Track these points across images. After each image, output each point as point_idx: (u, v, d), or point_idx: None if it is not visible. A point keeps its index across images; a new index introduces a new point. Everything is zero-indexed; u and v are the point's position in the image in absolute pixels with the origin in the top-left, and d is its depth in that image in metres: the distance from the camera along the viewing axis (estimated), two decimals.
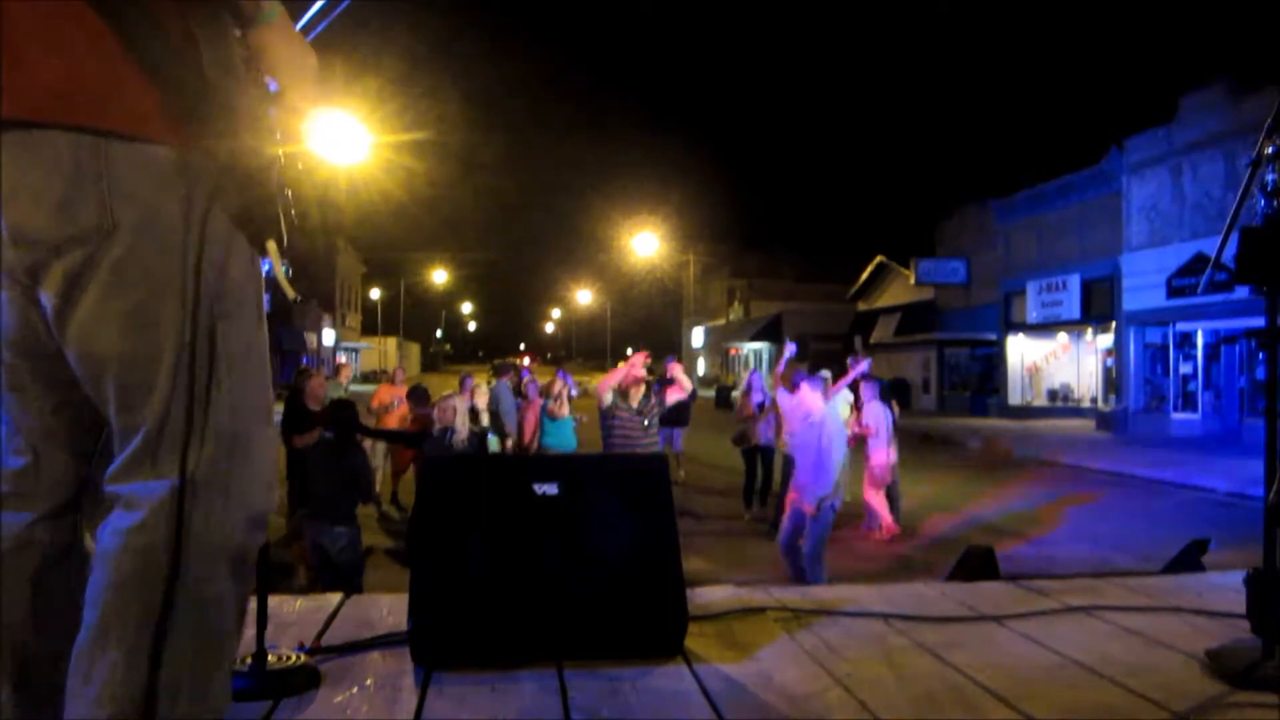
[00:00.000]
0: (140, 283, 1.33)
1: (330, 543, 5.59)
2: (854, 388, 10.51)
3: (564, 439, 9.05)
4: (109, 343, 1.33)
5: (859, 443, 9.57)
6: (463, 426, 6.83)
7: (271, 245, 1.49)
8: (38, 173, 1.29)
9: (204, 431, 1.35)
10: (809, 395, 6.45)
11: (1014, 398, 27.20)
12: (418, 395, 9.58)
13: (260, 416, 1.47)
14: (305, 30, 2.43)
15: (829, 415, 6.40)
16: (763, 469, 10.37)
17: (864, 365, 9.92)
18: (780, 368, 8.55)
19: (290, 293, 1.59)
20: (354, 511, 5.86)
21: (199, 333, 1.35)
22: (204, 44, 1.39)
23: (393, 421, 10.28)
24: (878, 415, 9.16)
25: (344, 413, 6.04)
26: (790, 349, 9.33)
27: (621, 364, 6.63)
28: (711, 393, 36.65)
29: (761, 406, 10.19)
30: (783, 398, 6.91)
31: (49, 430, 1.48)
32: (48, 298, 1.33)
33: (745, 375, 10.35)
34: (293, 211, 1.49)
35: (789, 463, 9.28)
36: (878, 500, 9.24)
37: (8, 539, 1.46)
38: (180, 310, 1.34)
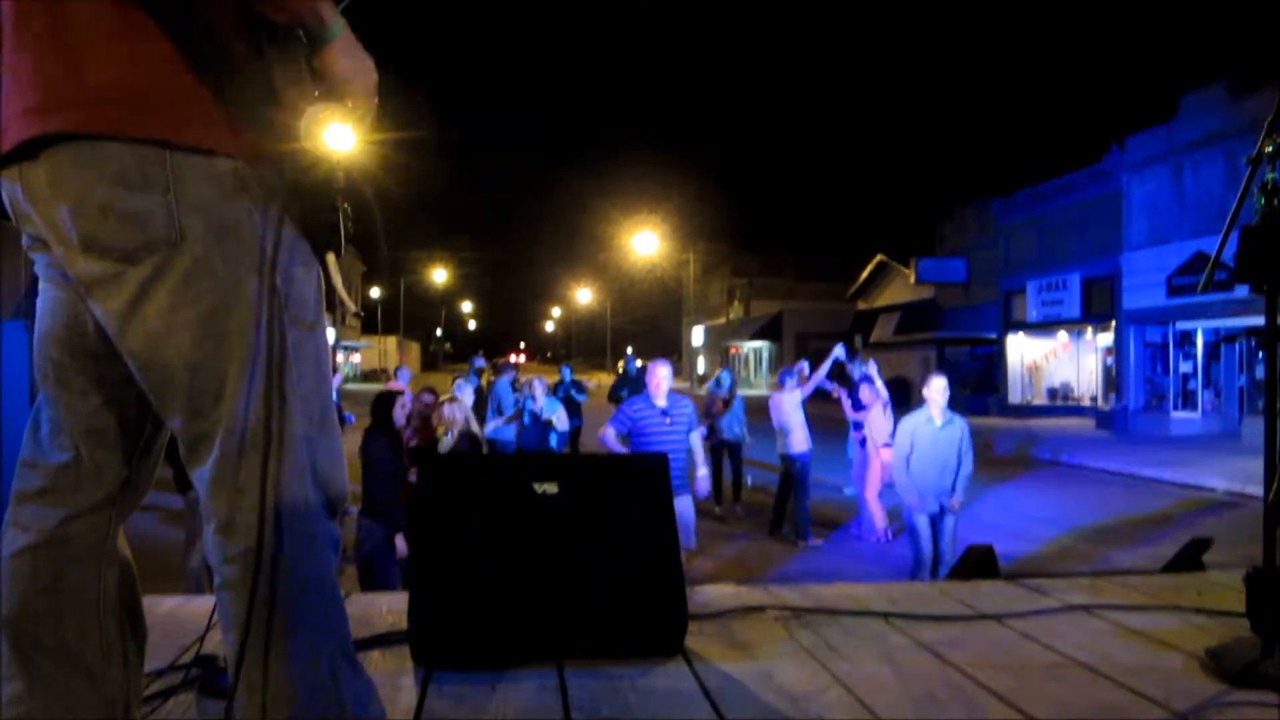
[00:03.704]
0: (210, 292, 1.35)
1: (353, 533, 5.61)
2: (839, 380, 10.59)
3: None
4: (179, 351, 1.35)
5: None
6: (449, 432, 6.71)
7: (330, 257, 1.52)
8: (104, 184, 1.31)
9: (282, 441, 1.38)
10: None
11: (1014, 396, 27.20)
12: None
13: (329, 415, 1.50)
14: None
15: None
16: (732, 465, 10.58)
17: (838, 350, 10.05)
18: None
19: (351, 305, 1.62)
20: (384, 505, 5.76)
21: (269, 342, 1.38)
22: (273, 63, 1.40)
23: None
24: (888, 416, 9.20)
25: (380, 408, 6.01)
26: (838, 353, 9.62)
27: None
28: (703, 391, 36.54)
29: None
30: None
31: (92, 429, 1.51)
32: (112, 305, 1.35)
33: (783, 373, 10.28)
34: (349, 225, 1.51)
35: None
36: (876, 503, 9.24)
37: (42, 533, 1.48)
38: (250, 319, 1.37)
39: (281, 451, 1.38)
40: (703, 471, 6.32)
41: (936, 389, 6.40)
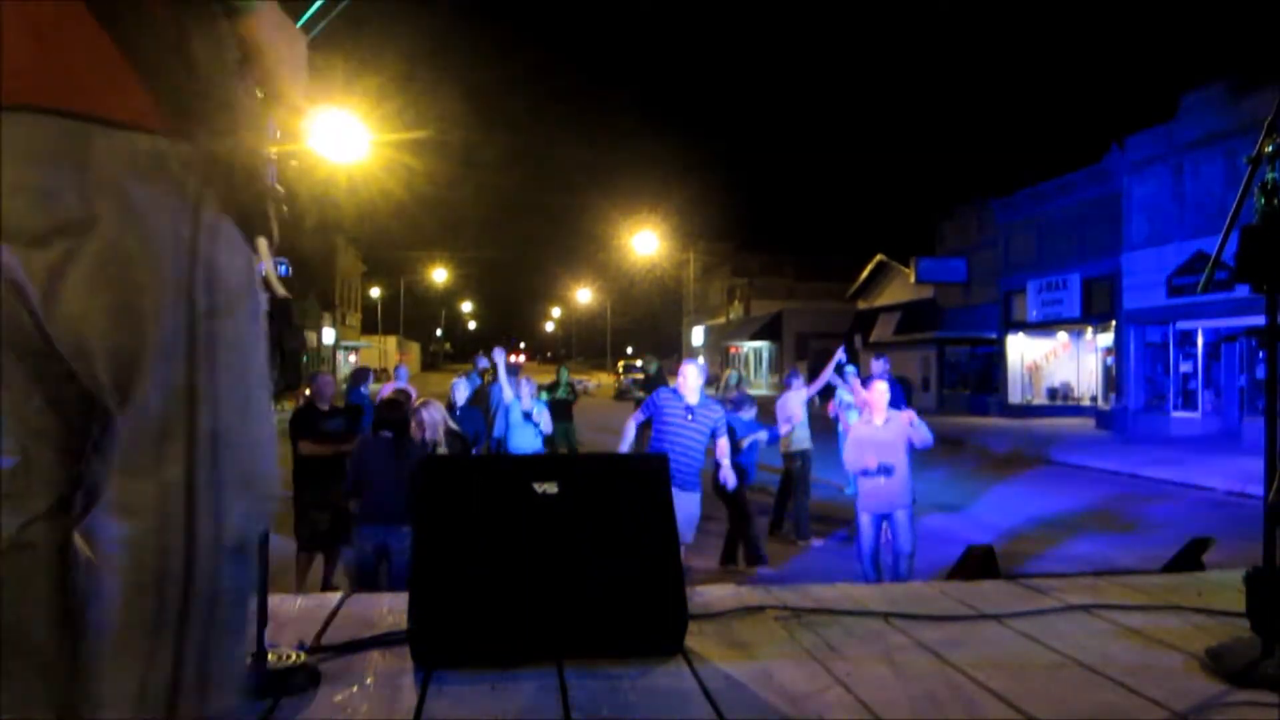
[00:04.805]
0: (124, 276, 1.29)
1: (397, 542, 5.59)
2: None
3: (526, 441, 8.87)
4: (96, 336, 1.29)
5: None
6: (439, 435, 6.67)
7: (261, 242, 1.46)
8: (16, 161, 1.24)
9: (196, 429, 1.32)
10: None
11: (1014, 396, 27.20)
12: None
13: (256, 412, 1.43)
14: (305, 29, 2.41)
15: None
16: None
17: (840, 354, 10.14)
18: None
19: (279, 290, 1.57)
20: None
21: (187, 328, 1.32)
22: (195, 35, 1.34)
23: None
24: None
25: (396, 413, 6.02)
26: (840, 355, 9.74)
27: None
28: (711, 391, 36.57)
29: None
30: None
31: (38, 429, 1.45)
32: (31, 292, 1.29)
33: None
34: (285, 209, 1.47)
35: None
36: None
37: (3, 541, 1.43)
38: (166, 305, 1.31)
39: (190, 443, 1.31)
40: (724, 461, 6.38)
41: (877, 392, 6.73)
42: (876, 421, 6.69)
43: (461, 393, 9.24)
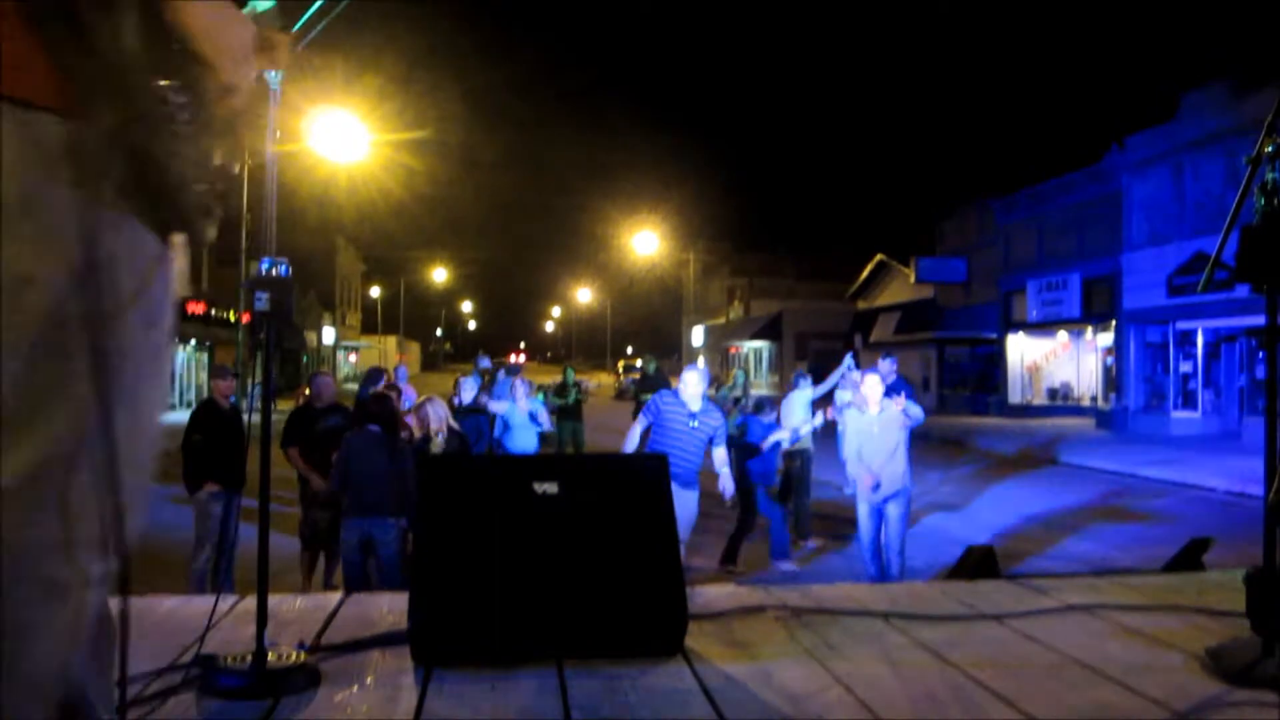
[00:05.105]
0: (13, 265, 1.16)
1: (381, 533, 5.59)
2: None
3: (525, 442, 8.85)
4: None
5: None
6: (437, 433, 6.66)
7: (177, 238, 1.35)
8: None
9: (36, 431, 1.16)
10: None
11: (1014, 396, 27.20)
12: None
13: (132, 428, 1.26)
14: (304, 29, 2.40)
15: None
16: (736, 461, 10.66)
17: (848, 360, 10.25)
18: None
19: (186, 290, 1.49)
20: (408, 504, 5.71)
21: (59, 325, 1.19)
22: (108, 14, 1.24)
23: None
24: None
25: (384, 407, 6.03)
26: (848, 361, 9.93)
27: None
28: (711, 391, 36.55)
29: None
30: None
31: None
32: None
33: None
34: (212, 205, 1.39)
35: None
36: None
37: None
38: (51, 301, 1.18)
39: (35, 444, 1.15)
40: (724, 470, 6.37)
41: (870, 384, 6.97)
42: (871, 412, 6.85)
43: (469, 392, 9.28)
